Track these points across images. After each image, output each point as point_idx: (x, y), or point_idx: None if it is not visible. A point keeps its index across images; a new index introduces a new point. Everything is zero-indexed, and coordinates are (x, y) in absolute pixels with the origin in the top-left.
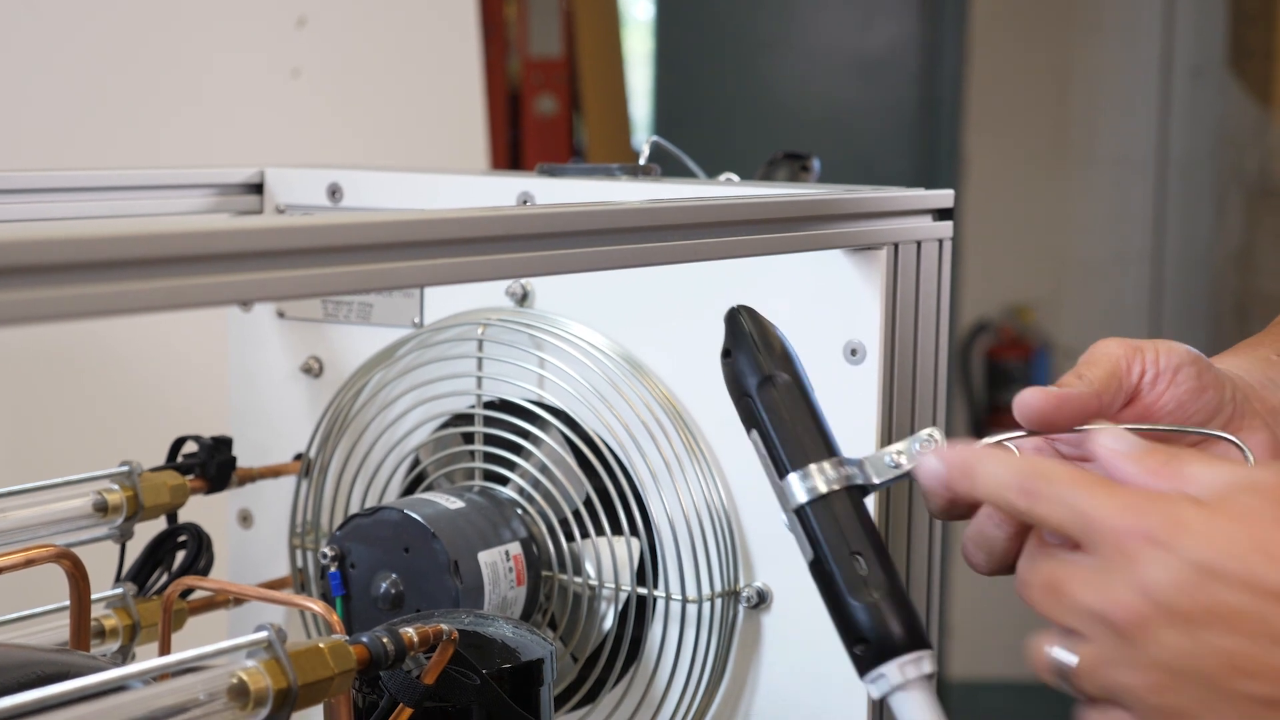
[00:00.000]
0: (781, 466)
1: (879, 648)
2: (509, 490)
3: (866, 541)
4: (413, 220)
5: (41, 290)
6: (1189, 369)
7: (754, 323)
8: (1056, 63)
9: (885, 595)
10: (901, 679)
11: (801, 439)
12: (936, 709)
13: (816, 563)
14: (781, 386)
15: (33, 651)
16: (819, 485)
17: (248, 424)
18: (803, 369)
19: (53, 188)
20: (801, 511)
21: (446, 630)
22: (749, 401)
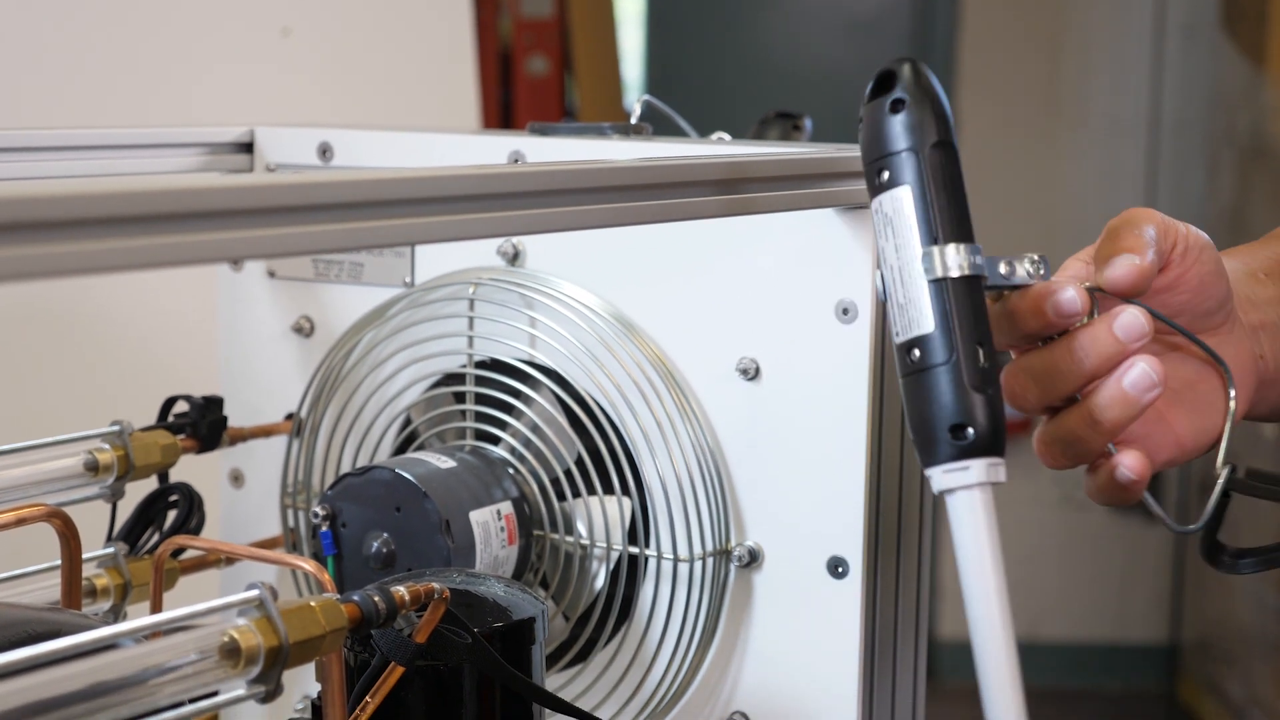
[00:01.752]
0: (931, 234)
1: (978, 442)
2: (500, 450)
3: (989, 336)
4: (403, 178)
5: (31, 247)
6: (1210, 251)
7: (925, 80)
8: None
9: (996, 393)
10: (984, 479)
11: (958, 215)
12: (994, 518)
13: (927, 341)
14: (950, 155)
15: (24, 610)
16: (961, 265)
17: (239, 384)
18: None
19: (41, 146)
20: (944, 284)
21: (438, 589)
22: (909, 157)
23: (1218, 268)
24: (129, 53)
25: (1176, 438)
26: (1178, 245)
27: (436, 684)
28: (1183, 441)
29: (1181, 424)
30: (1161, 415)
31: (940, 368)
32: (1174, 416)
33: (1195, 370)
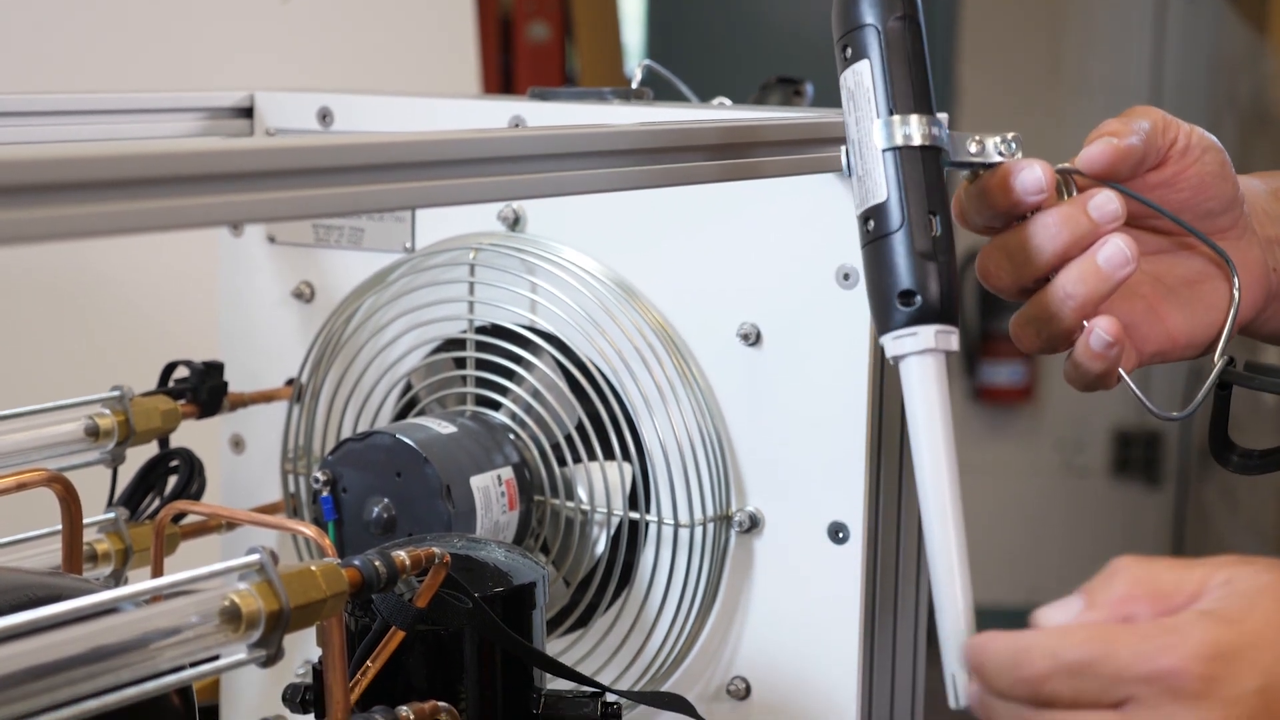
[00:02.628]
0: (889, 105)
1: (927, 308)
2: (501, 415)
3: (944, 206)
4: (403, 141)
5: (31, 211)
6: (1216, 154)
7: None
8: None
9: (948, 262)
10: (932, 345)
11: (916, 87)
12: (945, 385)
13: (882, 209)
14: (912, 29)
15: (25, 575)
16: (916, 135)
17: (239, 349)
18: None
19: (40, 111)
20: (894, 153)
21: (439, 554)
22: (870, 31)
23: (1221, 170)
24: (127, 17)
25: (1167, 331)
26: (1178, 142)
27: (437, 648)
28: (1174, 335)
29: (1174, 318)
30: (1153, 307)
31: (892, 235)
32: (1166, 310)
33: (1197, 269)
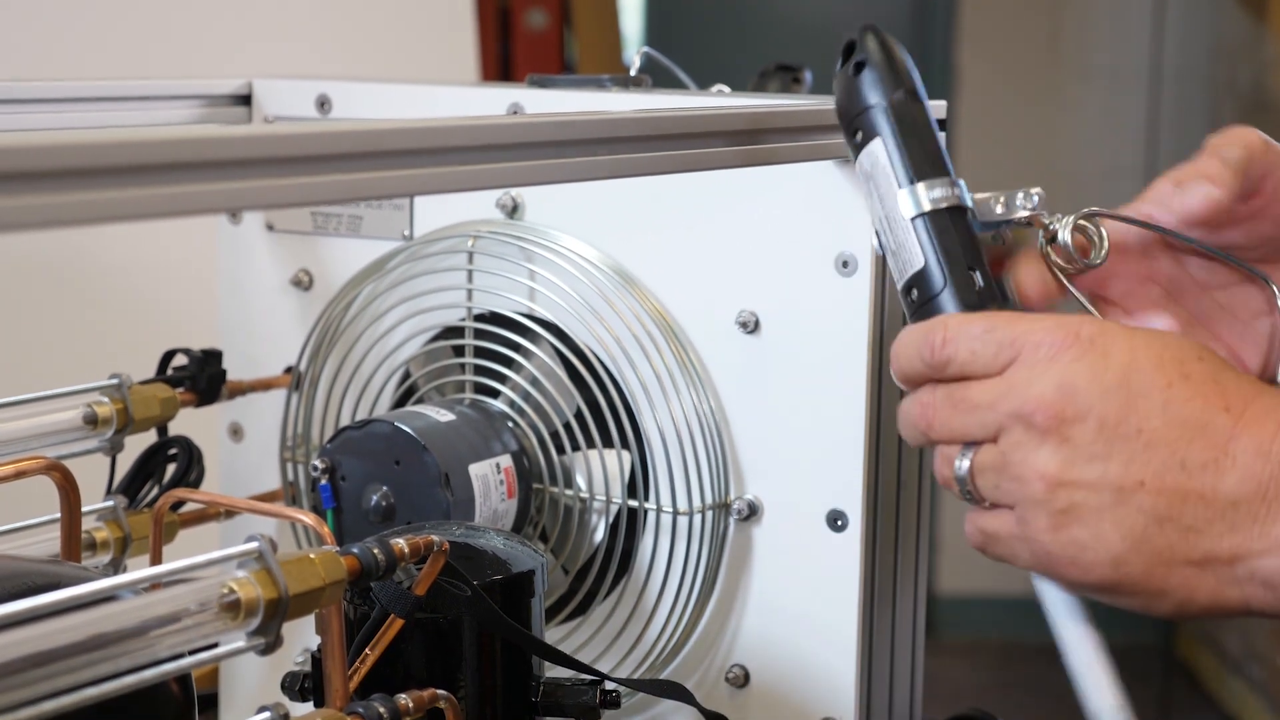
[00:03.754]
0: (909, 174)
1: None
2: (500, 403)
3: (981, 262)
4: (401, 129)
5: (29, 198)
6: None
7: (884, 42)
8: None
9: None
10: None
11: (931, 154)
12: None
13: (923, 276)
14: (916, 102)
15: (24, 562)
16: (942, 197)
17: (237, 337)
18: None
19: (38, 98)
20: (923, 219)
21: (437, 542)
22: (877, 111)
23: None
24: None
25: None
26: (1274, 174)
27: (436, 636)
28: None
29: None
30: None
31: (938, 298)
32: (1240, 345)
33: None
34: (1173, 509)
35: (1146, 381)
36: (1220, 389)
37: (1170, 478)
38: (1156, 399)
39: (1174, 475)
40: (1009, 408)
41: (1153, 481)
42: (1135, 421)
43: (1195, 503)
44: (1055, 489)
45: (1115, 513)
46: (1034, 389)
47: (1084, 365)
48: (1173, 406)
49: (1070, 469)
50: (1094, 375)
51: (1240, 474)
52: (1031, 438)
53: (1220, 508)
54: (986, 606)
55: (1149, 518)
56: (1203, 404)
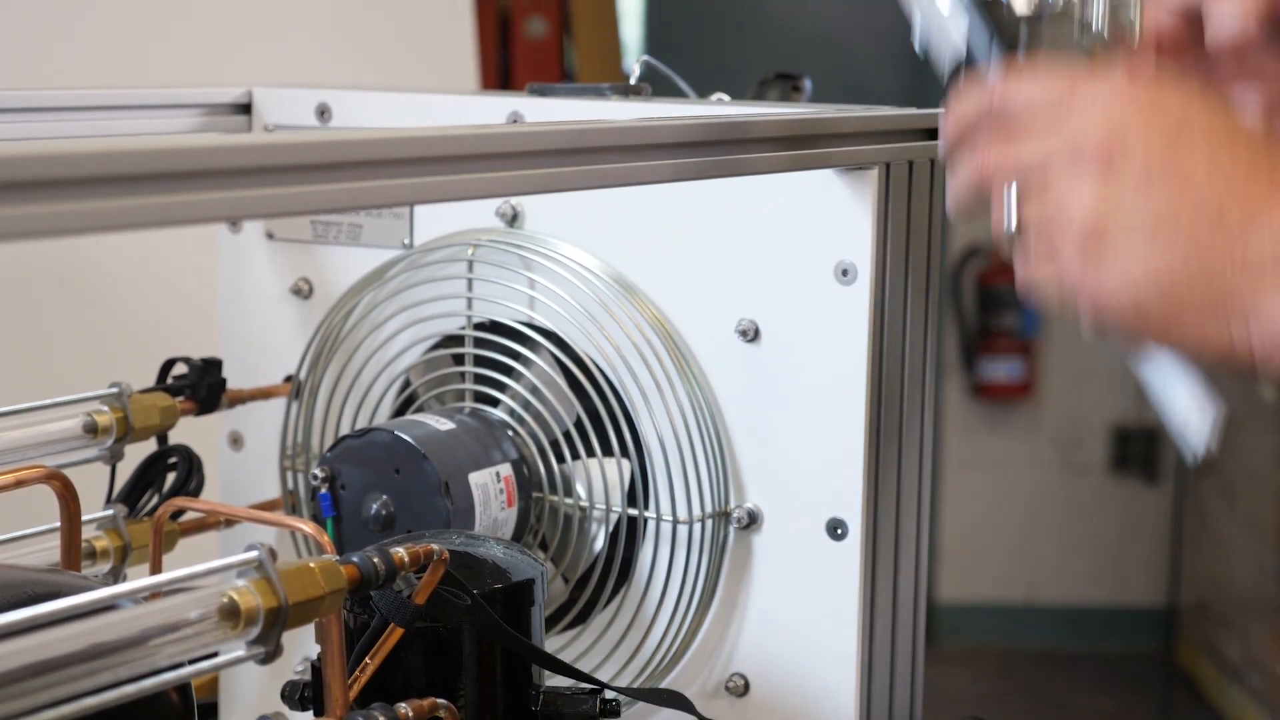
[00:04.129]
0: None
1: None
2: (499, 412)
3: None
4: (401, 137)
5: (30, 207)
6: None
7: None
8: None
9: None
10: None
11: None
12: None
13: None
14: None
15: (24, 571)
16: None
17: (238, 345)
18: None
19: (39, 107)
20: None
21: (437, 550)
22: None
23: None
24: (126, 12)
25: None
26: None
27: (436, 645)
28: None
29: None
30: None
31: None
32: None
33: None
34: (1202, 251)
35: (1197, 136)
36: (1268, 159)
37: (1205, 220)
38: (1203, 152)
39: (1209, 220)
40: (1060, 139)
41: (1188, 222)
42: (1181, 167)
43: (1223, 249)
44: (1091, 215)
45: (1146, 242)
46: (1087, 124)
47: (1138, 110)
48: (1219, 162)
49: (1109, 197)
50: (1147, 121)
51: (1274, 234)
52: (1079, 168)
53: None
54: (986, 614)
55: (1177, 253)
56: (1247, 168)
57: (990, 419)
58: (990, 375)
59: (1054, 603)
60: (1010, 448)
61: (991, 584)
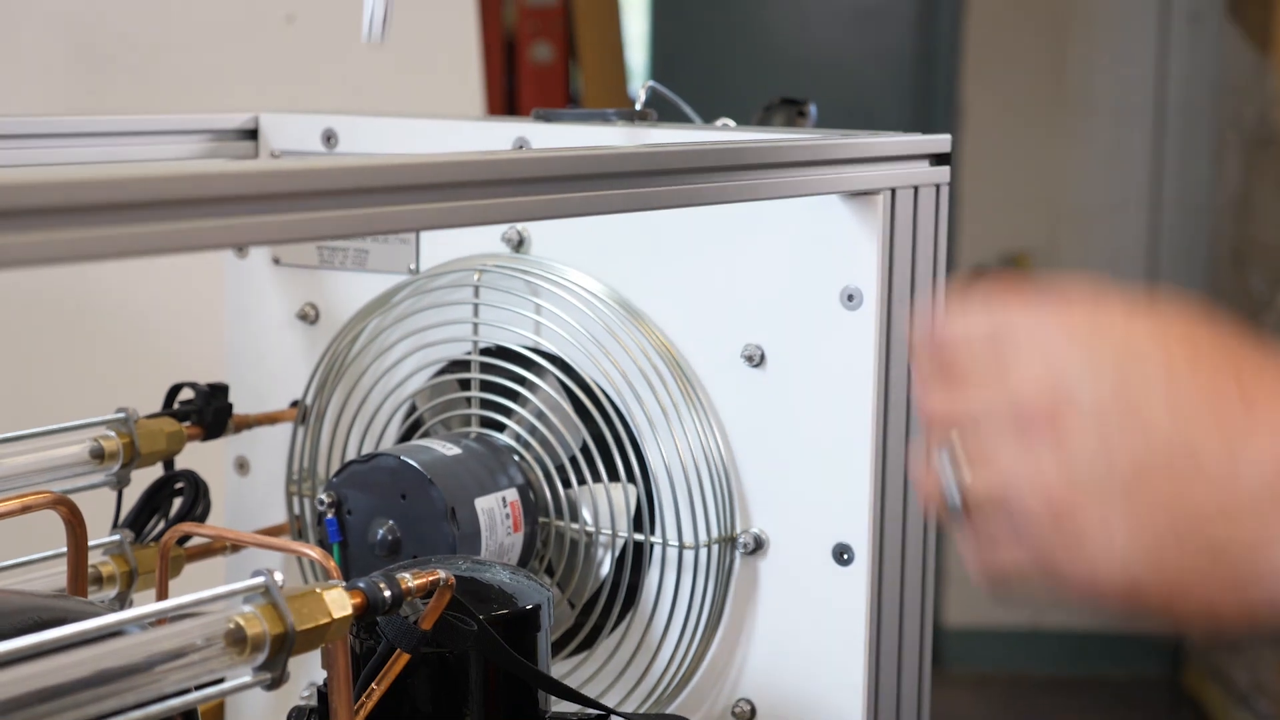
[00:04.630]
0: None
1: None
2: (506, 437)
3: None
4: (408, 164)
5: (36, 234)
6: None
7: None
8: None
9: None
10: None
11: None
12: None
13: None
14: None
15: (30, 597)
16: None
17: (244, 371)
18: None
19: (44, 133)
20: None
21: (444, 576)
22: None
23: None
24: (131, 39)
25: None
26: None
27: (442, 671)
28: None
29: None
30: None
31: None
32: None
33: None
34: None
35: (1150, 366)
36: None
37: (1181, 470)
38: (1159, 386)
39: (1185, 468)
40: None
41: (1162, 476)
42: (1138, 413)
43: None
44: (1054, 491)
45: (1124, 511)
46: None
47: (1078, 346)
48: (1181, 393)
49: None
50: (1089, 359)
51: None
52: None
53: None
54: (993, 639)
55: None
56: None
57: None
58: None
59: (1061, 628)
60: None
61: (997, 609)
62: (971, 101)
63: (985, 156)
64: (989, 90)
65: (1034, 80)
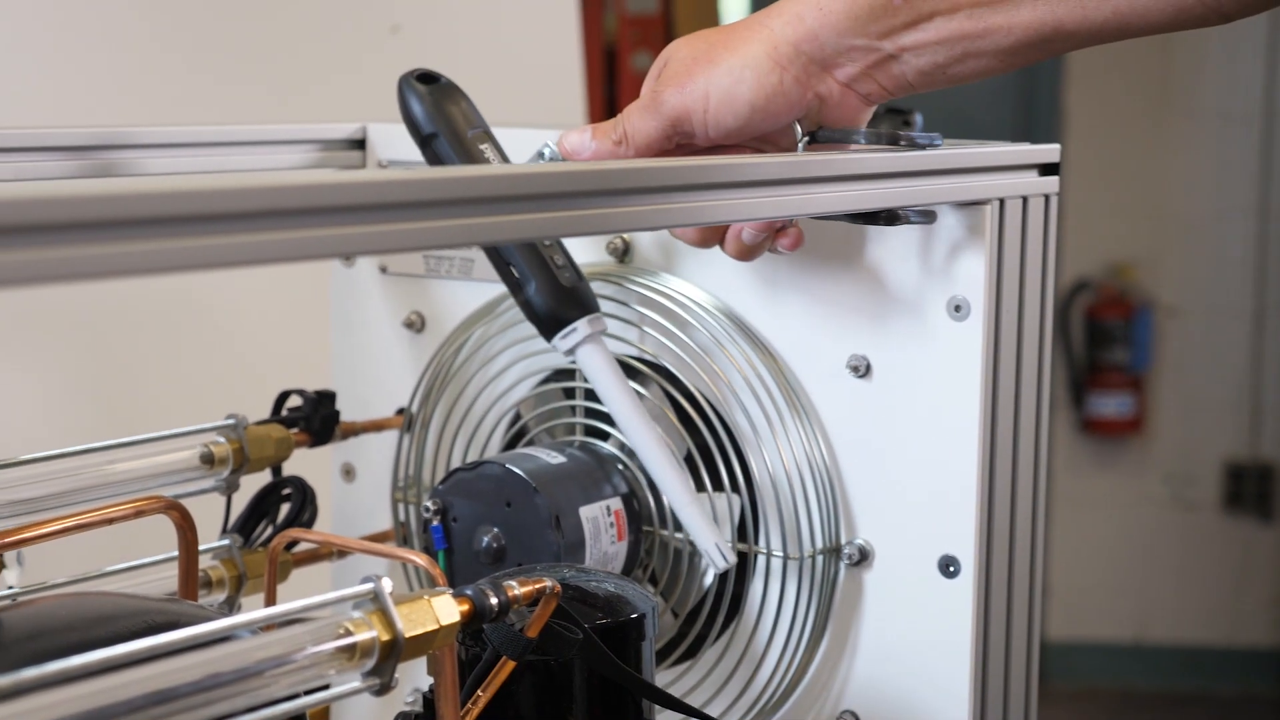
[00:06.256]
0: None
1: None
2: (609, 445)
3: None
4: (513, 174)
5: (150, 243)
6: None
7: None
8: None
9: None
10: None
11: None
12: None
13: None
14: None
15: (144, 601)
16: None
17: (351, 378)
18: None
19: (156, 144)
20: None
21: (550, 584)
22: None
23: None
24: (242, 51)
25: None
26: None
27: (547, 678)
28: None
29: None
30: None
31: None
32: None
33: None
34: None
35: None
36: None
37: None
38: None
39: None
40: None
41: None
42: None
43: None
44: None
45: None
46: None
47: None
48: None
49: None
50: None
51: None
52: None
53: None
54: (1097, 652)
55: None
56: None
57: (1099, 455)
58: (1099, 411)
59: (1166, 642)
60: (1120, 484)
61: (1102, 623)
62: (1075, 107)
63: (1089, 164)
64: (1092, 96)
65: (1138, 85)
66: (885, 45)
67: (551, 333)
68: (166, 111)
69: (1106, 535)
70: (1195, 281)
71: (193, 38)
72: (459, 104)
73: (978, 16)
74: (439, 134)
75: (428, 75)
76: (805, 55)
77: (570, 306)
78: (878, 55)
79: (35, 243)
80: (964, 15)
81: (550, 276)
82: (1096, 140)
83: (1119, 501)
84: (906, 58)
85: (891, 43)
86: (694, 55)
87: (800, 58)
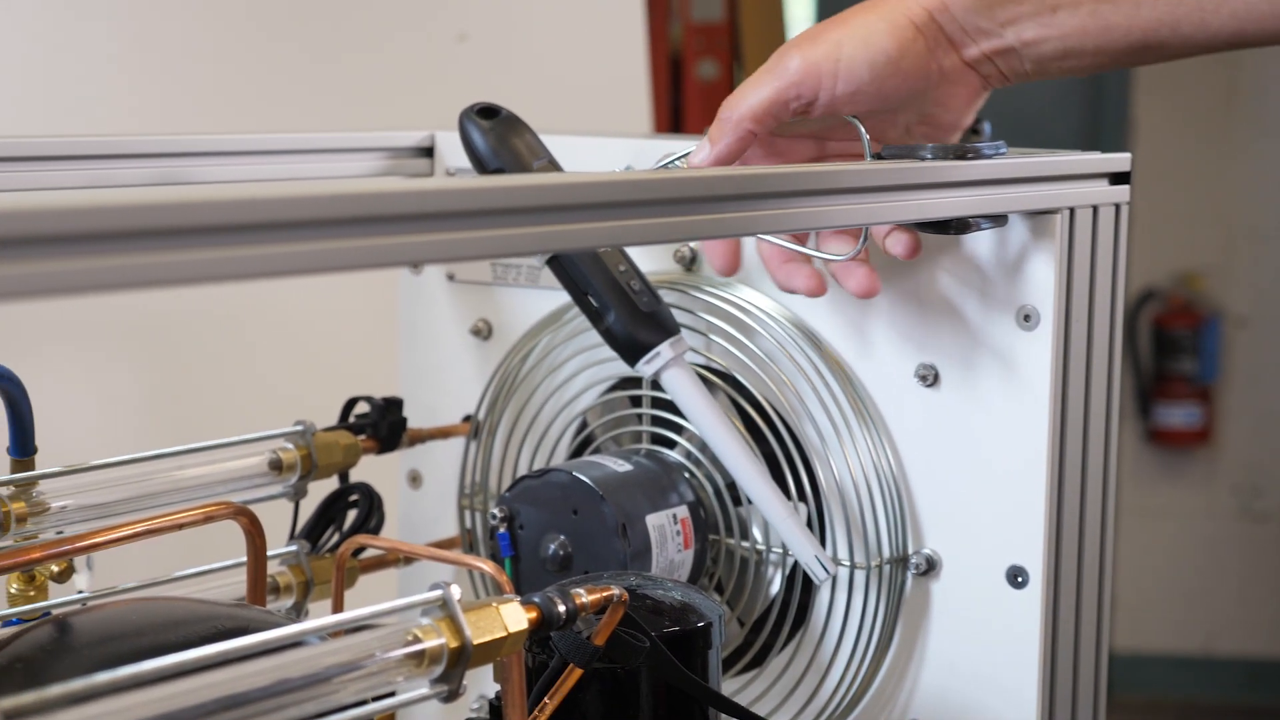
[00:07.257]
0: None
1: None
2: (676, 454)
3: None
4: (581, 182)
5: (220, 251)
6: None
7: None
8: None
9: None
10: None
11: None
12: None
13: None
14: None
15: (213, 606)
16: None
17: (418, 385)
18: None
19: (225, 151)
20: None
21: (617, 592)
22: None
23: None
24: (310, 58)
25: None
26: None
27: (614, 686)
28: None
29: None
30: None
31: None
32: None
33: None
34: None
35: None
36: None
37: None
38: None
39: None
40: None
41: None
42: None
43: None
44: None
45: None
46: None
47: None
48: None
49: None
50: None
51: None
52: None
53: None
54: (1163, 664)
55: None
56: None
57: (1166, 466)
58: (1166, 421)
59: (1233, 654)
60: (1187, 495)
61: (1168, 634)
62: (1143, 116)
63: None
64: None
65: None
66: (1008, 35)
67: (635, 358)
68: (237, 119)
69: (1173, 546)
70: (1263, 291)
71: (263, 46)
72: (522, 136)
73: (1100, 15)
74: (504, 169)
75: (489, 109)
76: (937, 25)
77: (651, 331)
78: (1000, 43)
79: (108, 250)
80: (1086, 12)
81: (629, 304)
82: (1164, 149)
83: (1186, 512)
84: (1026, 50)
85: (1014, 33)
86: (819, 26)
87: (932, 25)
